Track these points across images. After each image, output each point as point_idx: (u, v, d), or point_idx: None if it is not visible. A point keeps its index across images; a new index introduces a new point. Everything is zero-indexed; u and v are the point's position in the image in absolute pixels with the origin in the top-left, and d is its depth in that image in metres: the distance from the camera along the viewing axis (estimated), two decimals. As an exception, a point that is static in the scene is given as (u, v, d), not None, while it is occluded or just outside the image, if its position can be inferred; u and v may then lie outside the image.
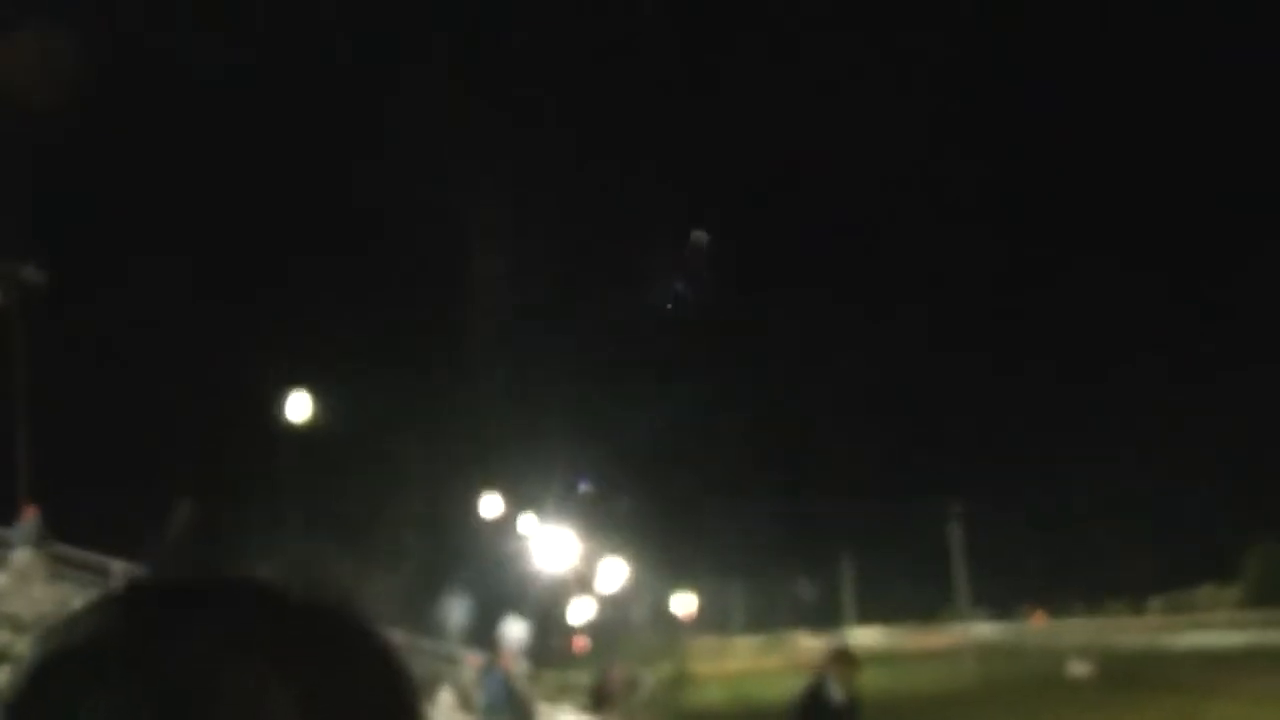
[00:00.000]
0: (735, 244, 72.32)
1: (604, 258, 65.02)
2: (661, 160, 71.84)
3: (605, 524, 51.75)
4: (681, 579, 62.47)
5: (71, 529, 23.23)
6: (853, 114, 65.49)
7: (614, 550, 54.55)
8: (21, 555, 21.11)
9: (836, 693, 10.30)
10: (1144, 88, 71.43)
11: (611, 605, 56.00)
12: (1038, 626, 60.61)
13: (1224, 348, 69.83)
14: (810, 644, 66.79)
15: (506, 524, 45.45)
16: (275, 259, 46.66)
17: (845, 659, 10.65)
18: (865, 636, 65.23)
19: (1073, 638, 52.55)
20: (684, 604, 62.75)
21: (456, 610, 38.65)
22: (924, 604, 64.66)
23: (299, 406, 33.24)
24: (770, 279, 72.95)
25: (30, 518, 22.04)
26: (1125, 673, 41.07)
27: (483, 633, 35.13)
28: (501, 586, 38.91)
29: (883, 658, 57.64)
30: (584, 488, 41.81)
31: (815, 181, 73.05)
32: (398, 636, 0.96)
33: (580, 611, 54.63)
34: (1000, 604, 62.33)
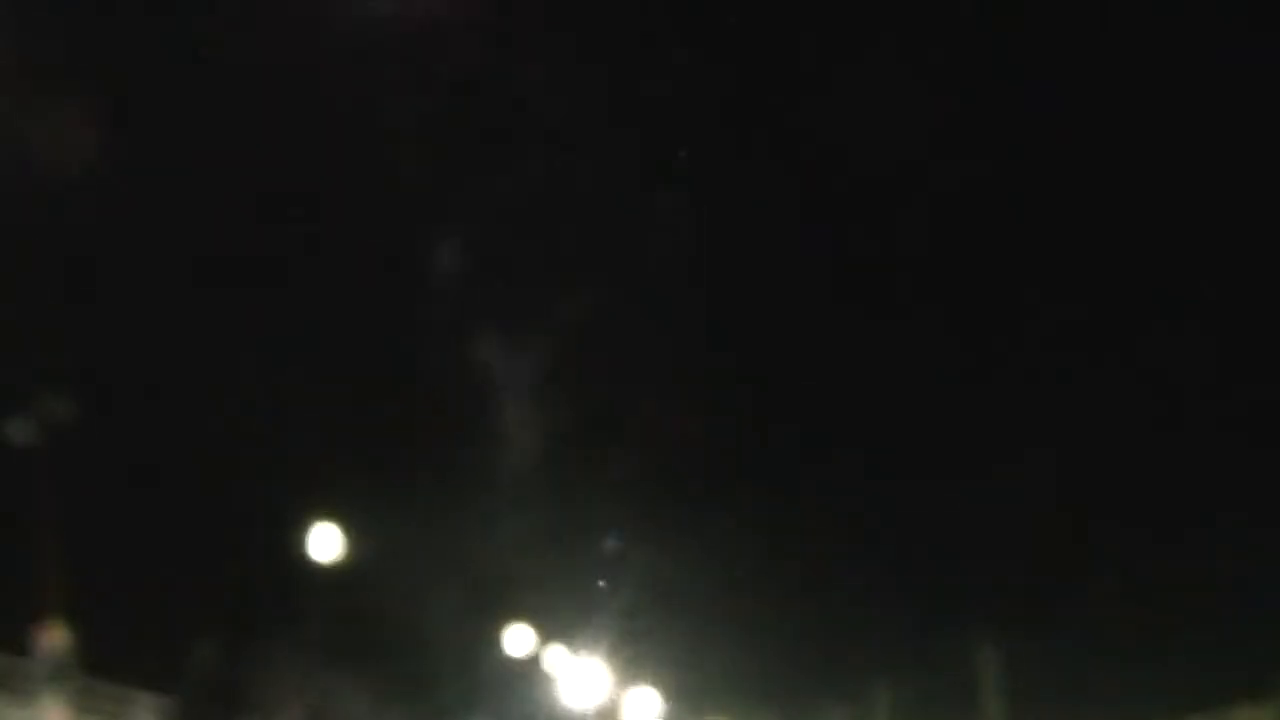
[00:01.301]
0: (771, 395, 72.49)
1: (639, 382, 64.90)
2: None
3: (635, 655, 51.29)
4: (714, 710, 61.69)
5: (90, 652, 23.00)
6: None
7: (644, 681, 53.92)
8: (47, 699, 20.86)
9: None
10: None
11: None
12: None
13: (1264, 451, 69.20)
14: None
15: (535, 657, 45.13)
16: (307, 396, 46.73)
17: None
18: (903, 769, 64.19)
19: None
20: (716, 734, 61.87)
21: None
22: (961, 736, 63.76)
23: (326, 540, 33.18)
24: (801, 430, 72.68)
25: (52, 643, 21.72)
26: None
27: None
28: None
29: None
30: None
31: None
32: None
33: (609, 745, 53.96)
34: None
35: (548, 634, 46.10)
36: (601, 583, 44.78)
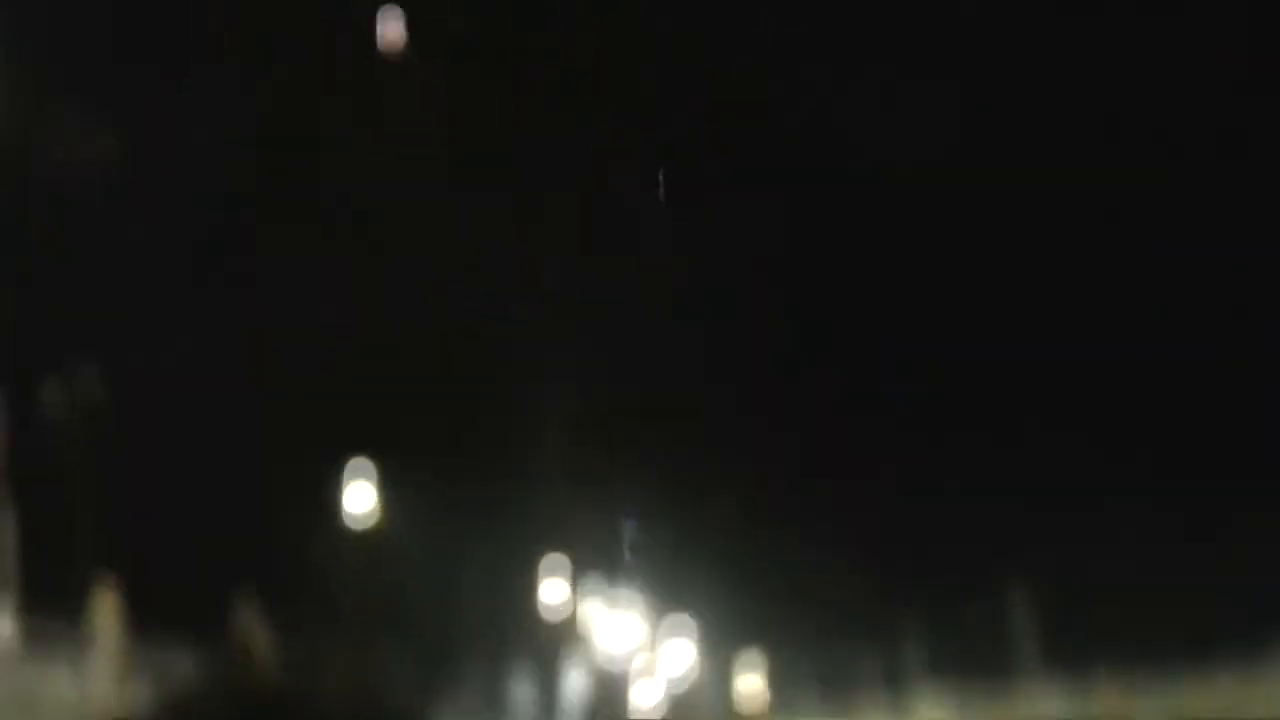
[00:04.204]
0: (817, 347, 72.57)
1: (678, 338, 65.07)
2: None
3: (671, 601, 51.53)
4: (746, 648, 61.95)
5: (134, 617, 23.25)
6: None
7: (680, 631, 54.18)
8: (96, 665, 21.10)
9: None
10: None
11: (679, 693, 55.50)
12: (1109, 699, 59.71)
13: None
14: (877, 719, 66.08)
15: (570, 609, 45.37)
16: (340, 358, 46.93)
17: None
18: (934, 710, 64.48)
19: (1147, 711, 51.73)
20: (750, 685, 62.12)
21: (523, 696, 38.52)
22: (993, 671, 63.91)
23: (360, 498, 33.35)
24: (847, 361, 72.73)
25: (101, 609, 21.90)
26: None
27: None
28: (565, 675, 38.71)
29: (952, 734, 56.94)
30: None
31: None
32: None
33: (647, 695, 54.24)
34: (1072, 670, 61.53)
35: (584, 584, 46.33)
36: (629, 554, 45.10)
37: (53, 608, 22.72)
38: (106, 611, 21.91)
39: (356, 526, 32.90)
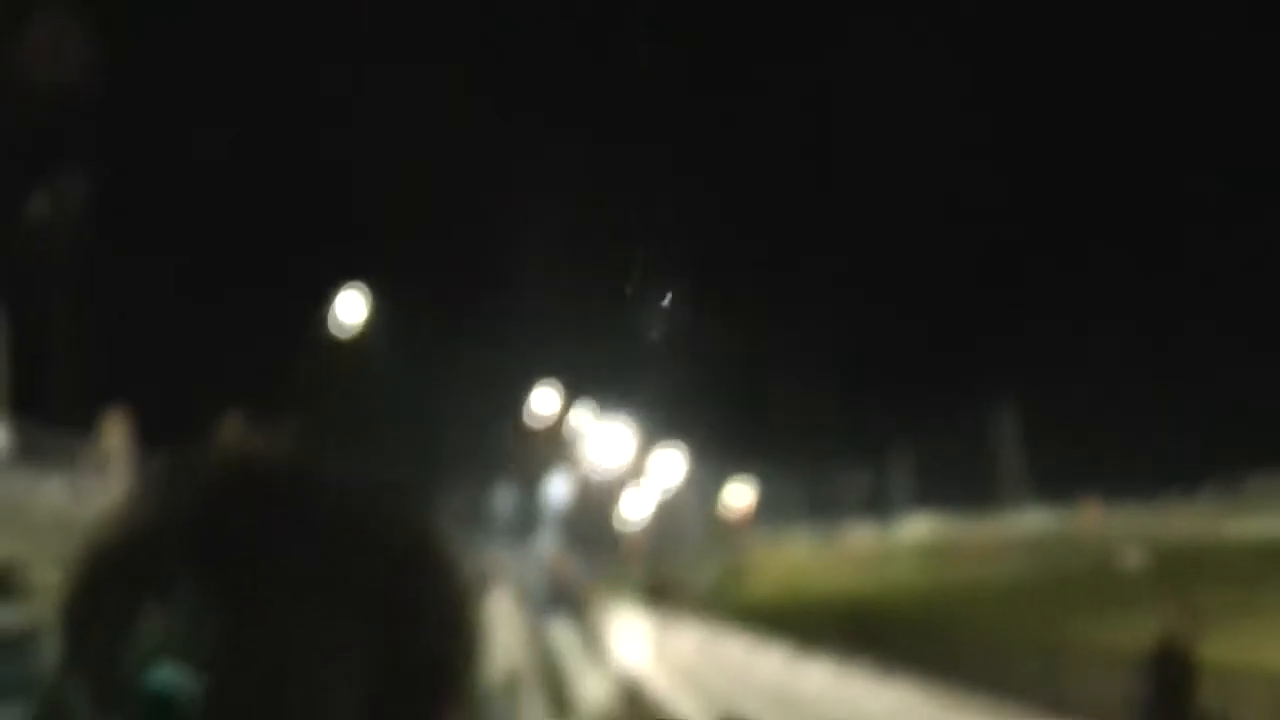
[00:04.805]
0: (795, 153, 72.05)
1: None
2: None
3: (662, 416, 51.91)
4: (736, 470, 62.66)
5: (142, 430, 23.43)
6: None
7: (670, 443, 54.74)
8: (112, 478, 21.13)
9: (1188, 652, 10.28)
10: None
11: (668, 499, 56.30)
12: (1090, 517, 60.54)
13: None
14: (863, 535, 67.20)
15: (561, 419, 45.63)
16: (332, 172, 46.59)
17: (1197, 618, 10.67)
18: (918, 528, 65.48)
19: (1125, 528, 52.53)
20: (739, 496, 63.07)
21: (503, 503, 39.02)
22: (977, 494, 64.74)
23: (351, 307, 33.35)
24: (838, 177, 72.43)
25: (114, 424, 21.85)
26: (1176, 563, 41.04)
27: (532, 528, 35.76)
28: (548, 483, 39.15)
29: (935, 550, 57.94)
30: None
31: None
32: (458, 534, 0.93)
33: (636, 506, 55.08)
34: (1054, 493, 62.29)
35: (574, 395, 46.51)
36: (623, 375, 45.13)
37: (45, 419, 22.89)
38: (108, 424, 21.99)
39: (346, 336, 32.88)
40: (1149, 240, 77.55)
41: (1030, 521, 62.03)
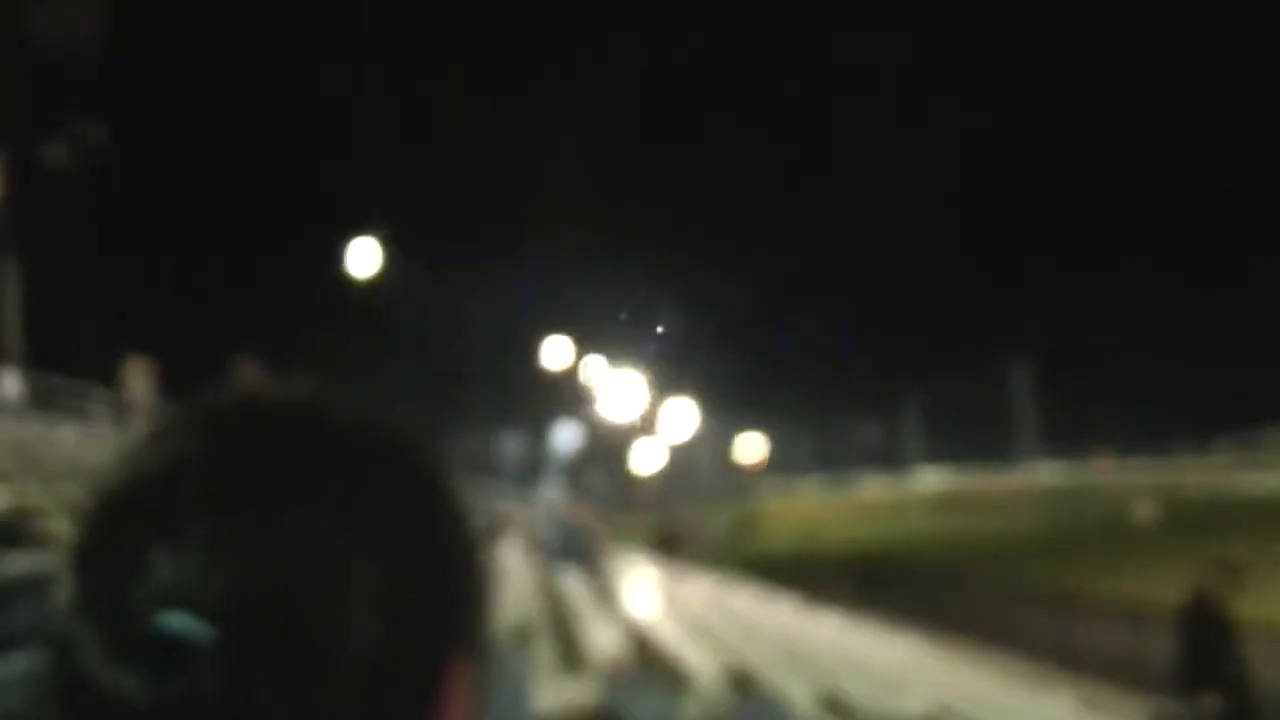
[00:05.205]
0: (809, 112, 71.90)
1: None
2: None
3: (674, 368, 51.86)
4: (748, 422, 62.67)
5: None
6: None
7: (682, 393, 54.65)
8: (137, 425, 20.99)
9: (1220, 608, 10.25)
10: None
11: (679, 449, 56.28)
12: (1103, 469, 60.61)
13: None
14: (875, 486, 67.27)
15: (573, 369, 45.52)
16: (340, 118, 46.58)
17: (1231, 574, 10.60)
18: (931, 480, 65.55)
19: (1138, 481, 52.58)
20: (751, 447, 63.06)
21: (514, 451, 39.04)
22: (990, 446, 64.80)
23: (365, 255, 33.33)
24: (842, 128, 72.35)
25: (139, 372, 21.77)
26: (1189, 516, 41.13)
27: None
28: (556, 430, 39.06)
29: (947, 501, 58.00)
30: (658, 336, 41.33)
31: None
32: (468, 482, 0.95)
33: (648, 456, 55.06)
34: (1067, 445, 62.35)
35: (586, 346, 46.44)
36: (623, 315, 45.06)
37: (65, 369, 22.94)
38: (132, 372, 21.97)
39: (361, 280, 32.83)
40: (1166, 195, 77.47)
41: (1043, 474, 62.17)
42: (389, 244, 33.88)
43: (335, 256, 33.51)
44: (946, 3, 74.05)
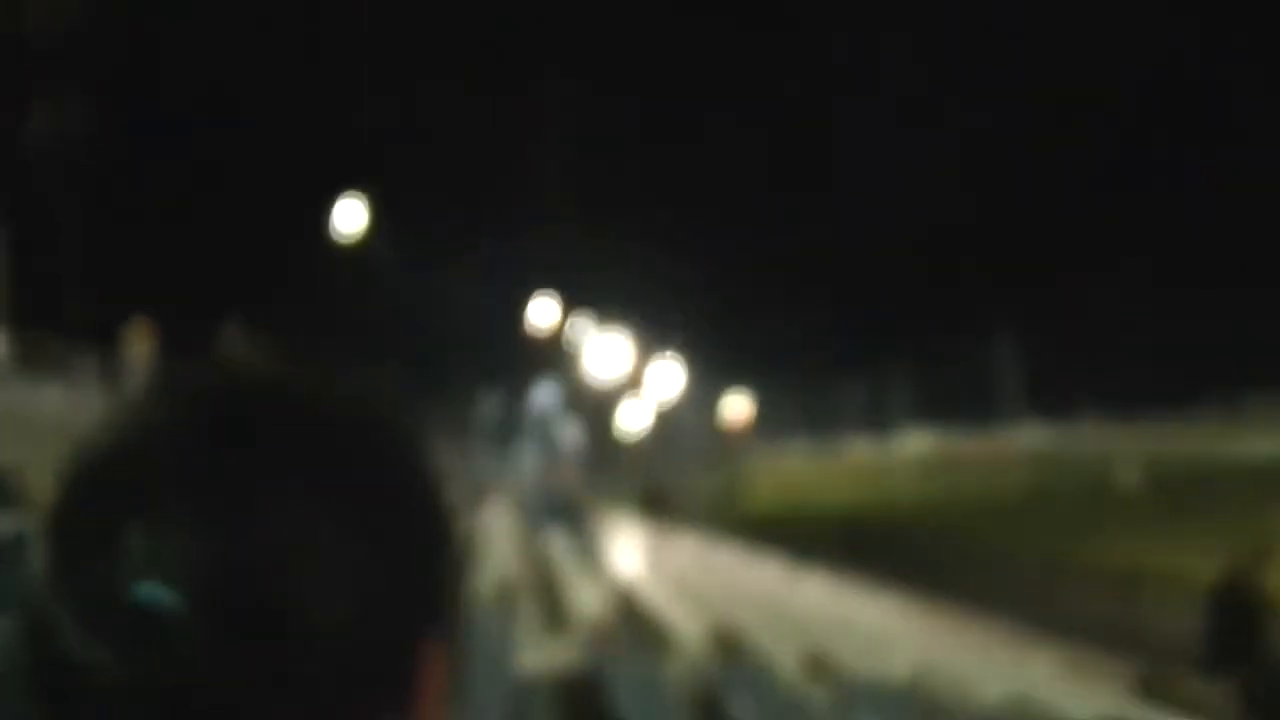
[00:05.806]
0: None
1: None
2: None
3: (660, 328, 51.85)
4: (734, 383, 62.63)
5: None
6: None
7: (668, 354, 54.59)
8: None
9: (1253, 588, 10.25)
10: None
11: (665, 410, 56.22)
12: (1088, 434, 60.71)
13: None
14: (860, 449, 67.33)
15: (559, 328, 45.43)
16: (331, 74, 46.34)
17: (1265, 554, 10.60)
18: (917, 442, 65.59)
19: (1122, 446, 52.65)
20: (737, 408, 63.01)
21: (499, 412, 38.96)
22: (976, 410, 64.82)
23: (351, 215, 33.20)
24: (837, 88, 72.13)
25: (140, 336, 21.72)
26: (1173, 481, 41.24)
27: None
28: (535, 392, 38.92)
29: (933, 464, 58.09)
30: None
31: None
32: (452, 443, 0.91)
33: (634, 417, 55.00)
34: (1053, 409, 62.39)
35: (573, 305, 46.37)
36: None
37: (56, 331, 22.84)
38: (132, 334, 21.91)
39: (346, 242, 32.69)
40: (1150, 163, 77.38)
41: (1029, 438, 62.19)
42: (376, 202, 33.81)
43: (323, 214, 33.44)
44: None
